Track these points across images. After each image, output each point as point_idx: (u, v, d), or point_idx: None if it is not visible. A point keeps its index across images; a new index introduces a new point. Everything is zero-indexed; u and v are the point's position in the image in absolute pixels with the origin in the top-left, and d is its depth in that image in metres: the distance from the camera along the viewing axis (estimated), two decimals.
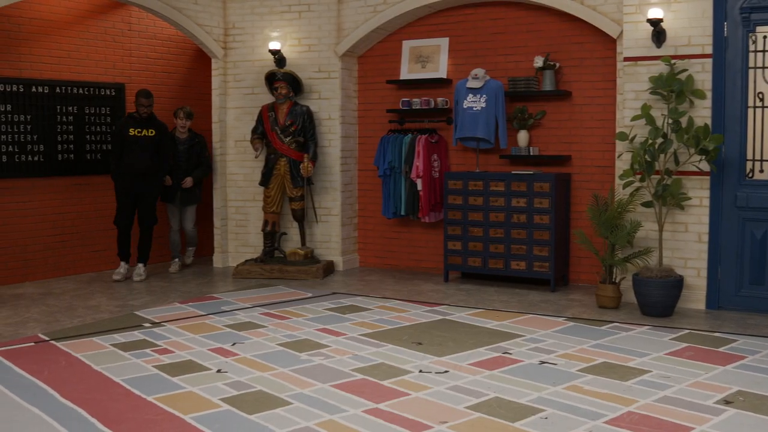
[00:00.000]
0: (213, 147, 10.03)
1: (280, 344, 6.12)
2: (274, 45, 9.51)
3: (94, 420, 4.43)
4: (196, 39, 9.69)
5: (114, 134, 8.97)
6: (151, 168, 8.93)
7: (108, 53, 9.73)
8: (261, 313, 7.24)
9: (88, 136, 9.51)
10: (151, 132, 8.92)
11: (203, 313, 7.25)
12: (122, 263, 9.11)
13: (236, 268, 9.28)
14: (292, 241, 9.80)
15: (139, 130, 8.85)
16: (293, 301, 7.82)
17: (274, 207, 9.39)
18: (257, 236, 9.91)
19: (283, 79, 9.29)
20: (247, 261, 9.44)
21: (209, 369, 5.45)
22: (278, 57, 9.56)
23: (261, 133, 9.32)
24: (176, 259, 9.87)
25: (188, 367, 5.50)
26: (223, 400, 4.79)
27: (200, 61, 10.85)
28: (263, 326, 6.74)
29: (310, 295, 8.13)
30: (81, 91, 9.40)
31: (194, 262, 10.38)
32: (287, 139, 9.21)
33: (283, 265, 9.19)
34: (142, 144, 8.85)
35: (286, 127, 9.20)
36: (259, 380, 5.19)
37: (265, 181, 9.37)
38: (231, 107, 9.96)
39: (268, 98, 9.67)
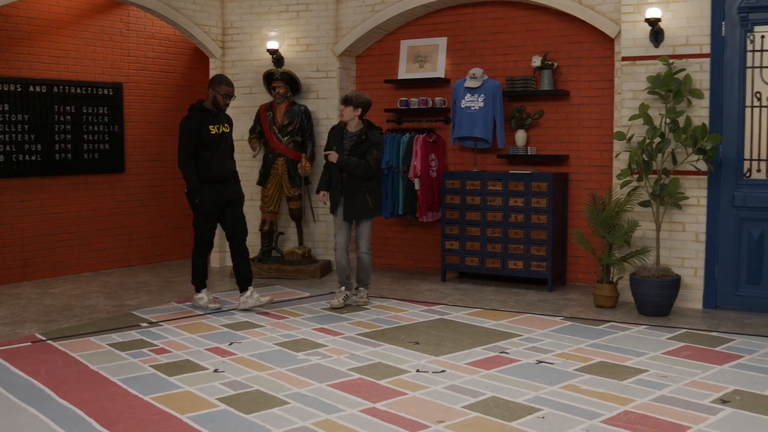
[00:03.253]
0: None
1: (278, 344, 6.12)
2: (272, 44, 9.50)
3: (91, 420, 4.43)
4: (194, 38, 9.69)
5: (187, 135, 7.16)
6: (235, 170, 7.54)
7: (106, 53, 9.73)
8: (258, 313, 7.23)
9: (86, 136, 9.50)
10: (227, 127, 7.44)
11: (200, 313, 7.25)
12: (205, 290, 7.52)
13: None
14: (289, 241, 9.80)
15: (217, 126, 7.30)
16: (291, 300, 7.82)
17: (271, 206, 9.39)
18: (255, 236, 9.88)
19: (281, 79, 9.28)
20: None
21: (206, 369, 5.44)
22: (276, 56, 9.56)
23: (259, 133, 9.32)
24: (343, 288, 7.58)
25: (185, 366, 5.50)
26: (220, 399, 4.79)
27: (198, 60, 10.85)
28: (261, 326, 6.73)
29: (307, 294, 8.12)
30: (79, 90, 9.39)
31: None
32: (285, 139, 9.21)
33: (280, 264, 9.19)
34: (225, 143, 7.40)
35: (284, 126, 9.20)
36: (256, 380, 5.19)
37: (262, 180, 9.37)
38: (229, 107, 9.91)
39: (266, 98, 9.66)
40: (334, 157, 7.35)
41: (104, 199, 9.75)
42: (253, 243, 9.91)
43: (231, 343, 6.14)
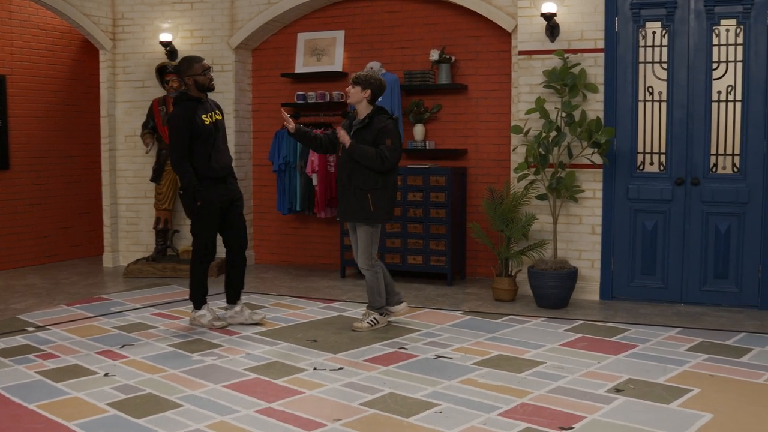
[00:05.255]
0: (102, 142, 9.67)
1: (172, 345, 5.94)
2: (166, 37, 9.25)
3: None
4: (83, 29, 9.33)
5: (179, 129, 6.18)
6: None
7: None
8: (152, 314, 7.02)
9: None
10: (219, 114, 6.46)
11: (91, 315, 6.98)
12: (206, 307, 6.57)
13: (127, 267, 8.99)
14: (185, 239, 9.54)
15: (209, 115, 6.32)
16: (186, 300, 7.60)
17: (166, 204, 9.16)
18: (149, 234, 9.63)
19: (174, 72, 9.03)
20: (138, 260, 9.16)
21: (96, 373, 5.23)
22: (170, 49, 9.32)
23: (152, 128, 9.08)
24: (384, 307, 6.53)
25: (74, 371, 5.27)
26: (109, 404, 4.60)
27: (88, 52, 10.47)
28: (154, 327, 6.53)
29: None
30: None
31: (83, 263, 10.04)
32: None
33: (176, 263, 8.95)
34: (222, 133, 6.45)
35: None
36: (149, 383, 5.00)
37: (156, 177, 9.13)
38: (120, 101, 9.63)
39: (159, 92, 9.39)
40: (345, 138, 6.18)
41: None
42: (148, 242, 9.66)
43: (123, 346, 5.92)
